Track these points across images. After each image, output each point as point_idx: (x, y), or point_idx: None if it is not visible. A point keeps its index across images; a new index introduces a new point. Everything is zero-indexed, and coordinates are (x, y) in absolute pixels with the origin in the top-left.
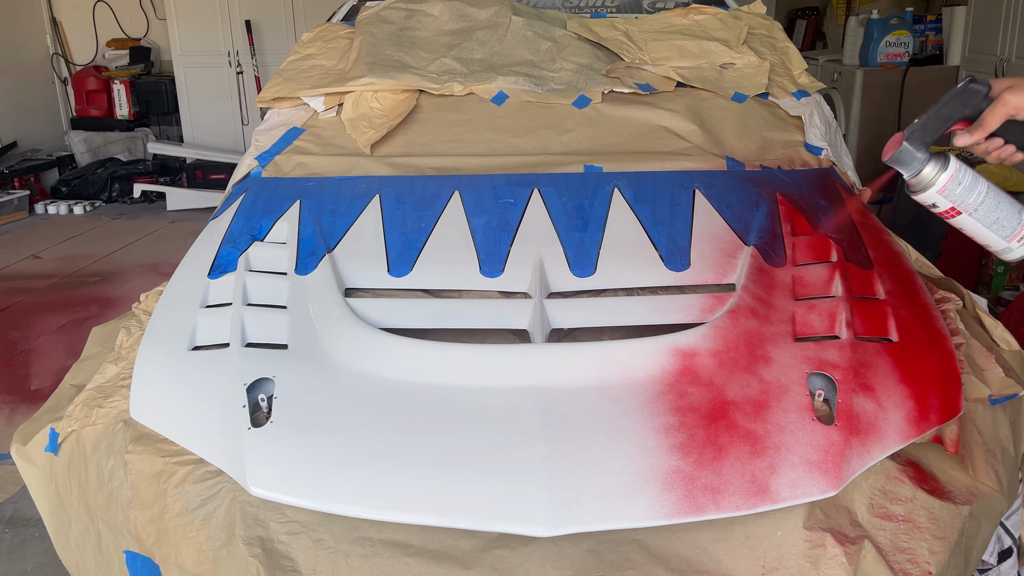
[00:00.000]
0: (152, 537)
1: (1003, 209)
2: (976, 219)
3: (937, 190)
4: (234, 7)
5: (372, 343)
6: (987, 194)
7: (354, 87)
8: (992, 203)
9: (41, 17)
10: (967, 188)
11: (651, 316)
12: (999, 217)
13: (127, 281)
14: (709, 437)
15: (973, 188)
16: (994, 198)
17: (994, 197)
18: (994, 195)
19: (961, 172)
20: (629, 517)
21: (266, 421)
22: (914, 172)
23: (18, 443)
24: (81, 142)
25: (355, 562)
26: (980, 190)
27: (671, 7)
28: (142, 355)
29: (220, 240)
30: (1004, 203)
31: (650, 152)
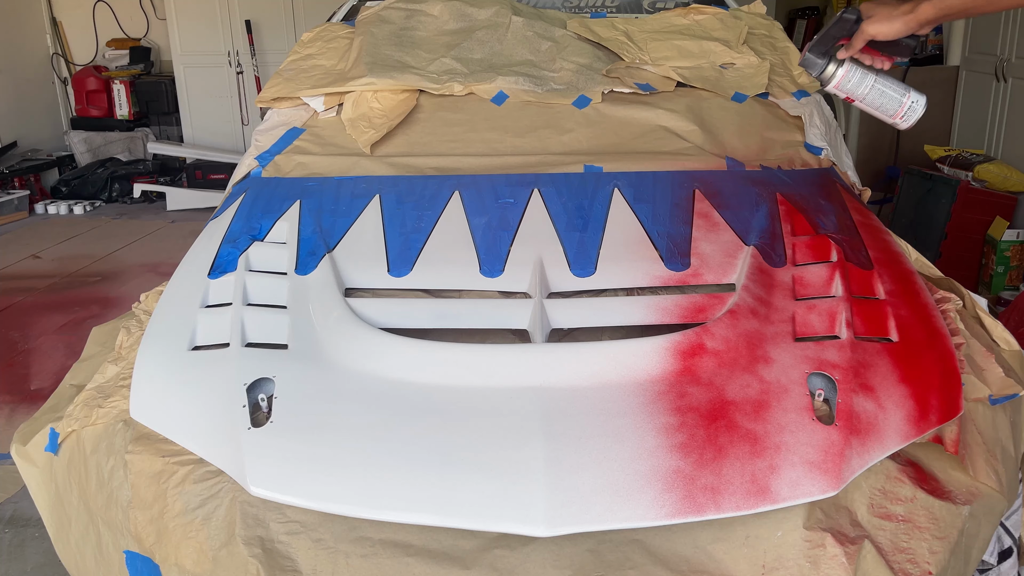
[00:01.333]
0: (152, 537)
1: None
2: (866, 104)
3: (834, 84)
4: (234, 7)
5: (372, 343)
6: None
7: (354, 87)
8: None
9: (41, 17)
10: (856, 83)
11: (651, 316)
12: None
13: (127, 281)
14: (709, 437)
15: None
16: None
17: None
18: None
19: (851, 71)
20: (629, 517)
21: (266, 421)
22: (818, 72)
23: (18, 443)
24: (81, 142)
25: (355, 562)
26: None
27: (671, 7)
28: (142, 355)
29: (220, 240)
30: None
31: (650, 152)
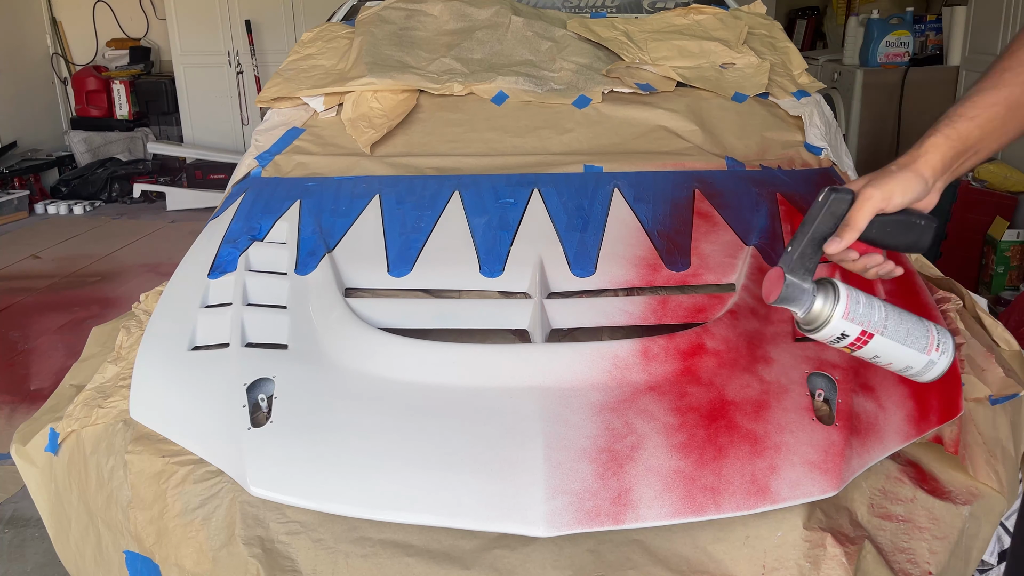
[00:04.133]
0: (152, 537)
1: (906, 319)
2: (889, 337)
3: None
4: (234, 7)
5: (372, 343)
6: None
7: (354, 87)
8: (895, 315)
9: (41, 17)
10: (867, 306)
11: (651, 316)
12: (909, 329)
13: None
14: (709, 437)
15: (872, 304)
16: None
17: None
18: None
19: (853, 291)
20: (629, 517)
21: (266, 421)
22: (807, 307)
23: (18, 443)
24: (81, 142)
25: (355, 562)
26: (878, 305)
27: (671, 7)
28: (142, 355)
29: (220, 240)
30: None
31: (650, 152)
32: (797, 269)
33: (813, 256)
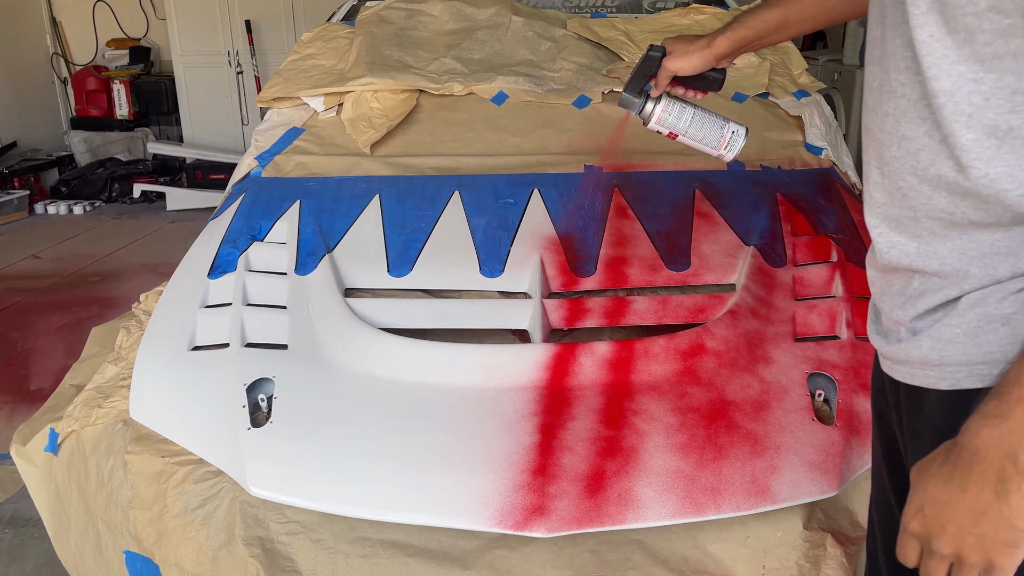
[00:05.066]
0: (152, 537)
1: (707, 128)
2: (689, 138)
3: (655, 121)
4: (234, 7)
5: (372, 343)
6: (693, 120)
7: (354, 87)
8: (698, 125)
9: (41, 17)
10: (675, 117)
11: (651, 316)
12: (705, 135)
13: (127, 281)
14: (709, 437)
15: (680, 117)
16: (699, 121)
17: (699, 121)
18: (699, 120)
19: (670, 106)
20: (629, 517)
21: (266, 421)
22: (638, 110)
23: (18, 443)
24: (81, 142)
25: (355, 562)
26: (687, 118)
27: (671, 7)
28: (142, 355)
29: (220, 240)
30: (708, 124)
31: (650, 152)
32: (630, 89)
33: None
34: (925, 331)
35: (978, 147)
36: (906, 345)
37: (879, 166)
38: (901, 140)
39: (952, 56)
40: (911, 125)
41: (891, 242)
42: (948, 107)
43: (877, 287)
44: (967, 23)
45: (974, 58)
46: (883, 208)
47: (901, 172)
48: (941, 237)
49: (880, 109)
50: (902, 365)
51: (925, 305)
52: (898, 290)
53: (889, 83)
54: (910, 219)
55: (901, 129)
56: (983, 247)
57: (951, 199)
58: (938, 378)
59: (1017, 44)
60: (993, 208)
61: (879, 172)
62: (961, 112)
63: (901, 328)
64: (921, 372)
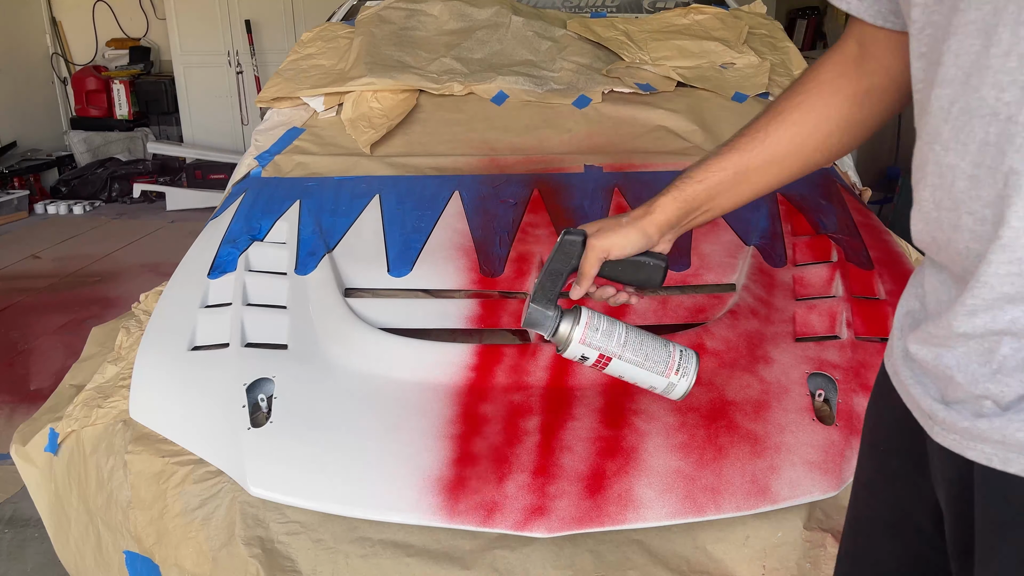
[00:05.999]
0: (152, 537)
1: (648, 344)
2: (626, 361)
3: (578, 341)
4: (234, 7)
5: (372, 343)
6: (627, 334)
7: (354, 87)
8: (636, 341)
9: (41, 17)
10: (605, 333)
11: (651, 316)
12: (648, 353)
13: (127, 281)
14: (709, 437)
15: (611, 332)
16: (636, 336)
17: (636, 335)
18: (635, 333)
19: (595, 319)
20: (629, 517)
21: (266, 421)
22: (551, 330)
23: (18, 443)
24: (81, 142)
25: (355, 562)
26: (619, 332)
27: (671, 7)
28: (142, 355)
29: (220, 240)
30: (647, 338)
31: (650, 152)
32: (539, 298)
33: (553, 288)
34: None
35: None
36: (999, 423)
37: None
38: (1008, 175)
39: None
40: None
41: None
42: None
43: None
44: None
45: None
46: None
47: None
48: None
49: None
50: (987, 445)
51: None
52: (978, 355)
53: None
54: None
55: (1007, 161)
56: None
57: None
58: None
59: None
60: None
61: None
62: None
63: (985, 401)
64: (1020, 459)
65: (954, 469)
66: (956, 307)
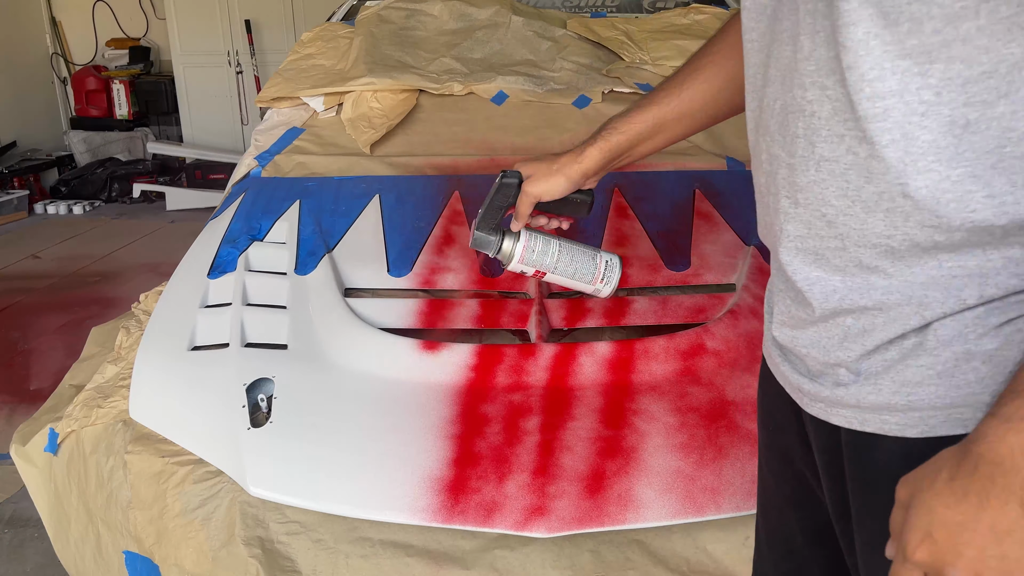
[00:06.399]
0: (152, 537)
1: (579, 261)
2: (559, 275)
3: (517, 260)
4: (234, 7)
5: (372, 343)
6: (560, 253)
7: (354, 87)
8: (567, 259)
9: (41, 17)
10: (541, 252)
11: (651, 316)
12: (577, 268)
13: (127, 281)
14: (709, 437)
15: (546, 251)
16: (568, 255)
17: (568, 254)
18: (567, 253)
19: (532, 241)
20: (629, 517)
21: (266, 421)
22: (495, 250)
23: (17, 443)
24: (80, 142)
25: (355, 562)
26: (552, 252)
27: (671, 7)
28: (142, 355)
29: (220, 240)
30: (578, 256)
31: None
32: (483, 226)
33: (494, 218)
34: (882, 373)
35: (935, 149)
36: (854, 389)
37: (791, 195)
38: (820, 161)
39: (894, 51)
40: (828, 145)
41: (810, 279)
42: (899, 109)
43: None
44: (912, 12)
45: (920, 50)
46: (798, 241)
47: (825, 197)
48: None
49: (787, 132)
50: (846, 409)
51: (872, 343)
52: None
53: (795, 102)
54: (835, 249)
55: (817, 150)
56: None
57: (890, 219)
58: (903, 424)
59: (967, 28)
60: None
61: (791, 202)
62: (914, 112)
63: (840, 370)
64: (877, 417)
65: (825, 436)
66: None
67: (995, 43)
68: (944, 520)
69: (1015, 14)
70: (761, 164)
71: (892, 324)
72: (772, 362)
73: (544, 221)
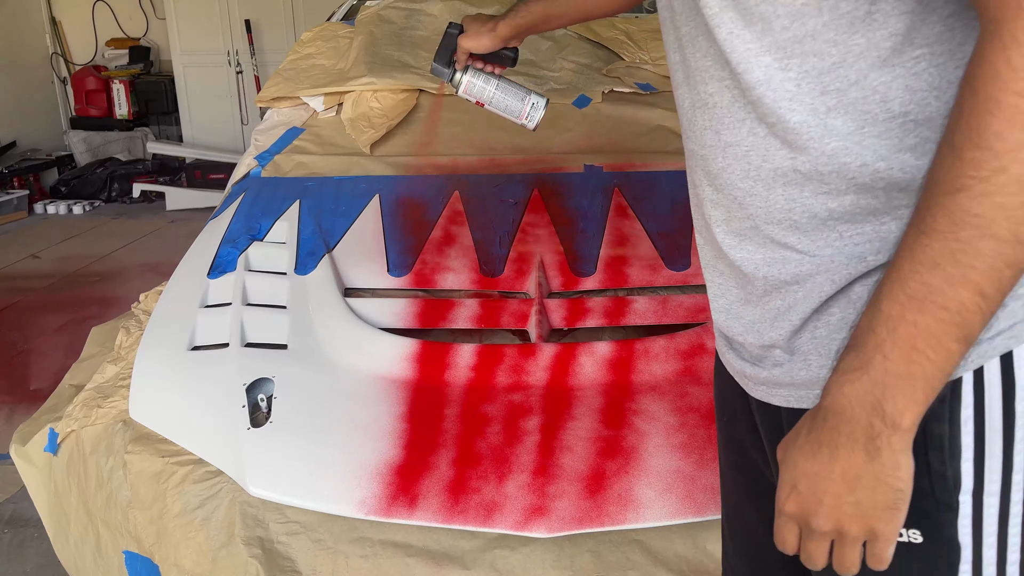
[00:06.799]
0: (151, 537)
1: (510, 99)
2: (495, 107)
3: (462, 90)
4: (234, 7)
5: (372, 343)
6: (496, 90)
7: (354, 87)
8: (501, 96)
9: (41, 17)
10: (481, 87)
11: (651, 316)
12: (508, 105)
13: (127, 281)
14: (709, 437)
15: (486, 87)
16: (502, 92)
17: (502, 92)
18: (502, 91)
19: (475, 76)
20: (629, 517)
21: (265, 421)
22: (448, 79)
23: (17, 443)
24: (80, 142)
25: (355, 562)
26: (491, 88)
27: None
28: (141, 355)
29: (219, 240)
30: (511, 95)
31: (650, 151)
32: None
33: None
34: (810, 349)
35: (807, 128)
36: (787, 367)
37: (710, 183)
38: (726, 148)
39: (755, 48)
40: (731, 131)
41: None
42: (768, 95)
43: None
44: (762, 12)
45: (776, 47)
46: (724, 224)
47: (733, 181)
48: (784, 244)
49: (697, 126)
50: (783, 388)
51: (798, 317)
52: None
53: (699, 98)
54: (750, 229)
55: (723, 138)
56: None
57: (787, 192)
58: None
59: (813, 24)
60: (837, 185)
61: (712, 188)
62: (782, 98)
63: (776, 351)
64: (811, 393)
65: (770, 418)
66: None
67: (841, 36)
68: (804, 471)
69: (854, 8)
70: (688, 160)
71: (810, 296)
72: (721, 353)
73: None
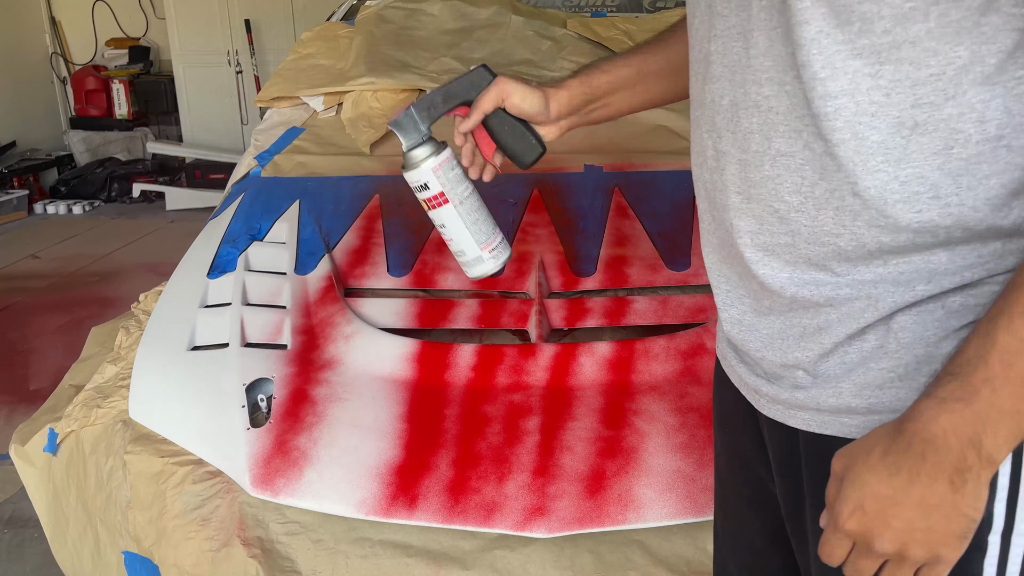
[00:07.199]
0: (151, 538)
1: (482, 212)
2: (461, 212)
3: (432, 167)
4: (234, 7)
5: (372, 343)
6: (472, 192)
7: (354, 86)
8: (475, 202)
9: (40, 16)
10: (458, 177)
11: (651, 316)
12: (478, 219)
13: (126, 281)
14: (709, 438)
15: (462, 181)
16: (477, 199)
17: (477, 201)
18: (477, 200)
19: (454, 161)
20: (629, 517)
21: (265, 421)
22: (413, 143)
23: (17, 443)
24: (80, 142)
25: (355, 563)
26: (467, 185)
27: (671, 7)
28: (141, 355)
29: (219, 240)
30: (484, 212)
31: (650, 151)
32: (421, 107)
33: (441, 106)
34: (842, 376)
35: (884, 149)
36: (813, 392)
37: (743, 191)
38: (776, 157)
39: (845, 51)
40: (785, 140)
41: (765, 272)
42: (849, 108)
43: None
44: (863, 11)
45: (870, 50)
46: (749, 236)
47: (779, 192)
48: (822, 267)
49: (741, 127)
50: (805, 412)
51: (830, 341)
52: (782, 328)
53: (749, 98)
54: (785, 246)
55: (774, 145)
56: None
57: (839, 217)
58: (864, 427)
59: (917, 30)
60: (895, 222)
61: (742, 197)
62: (864, 112)
63: (798, 372)
64: (836, 420)
65: (782, 436)
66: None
67: (943, 46)
68: (875, 493)
69: (963, 18)
70: (706, 161)
71: (847, 320)
72: (727, 363)
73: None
